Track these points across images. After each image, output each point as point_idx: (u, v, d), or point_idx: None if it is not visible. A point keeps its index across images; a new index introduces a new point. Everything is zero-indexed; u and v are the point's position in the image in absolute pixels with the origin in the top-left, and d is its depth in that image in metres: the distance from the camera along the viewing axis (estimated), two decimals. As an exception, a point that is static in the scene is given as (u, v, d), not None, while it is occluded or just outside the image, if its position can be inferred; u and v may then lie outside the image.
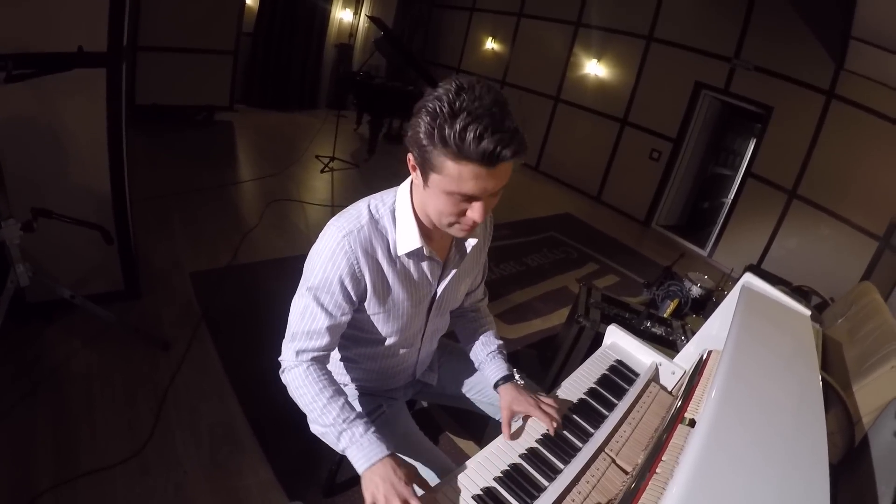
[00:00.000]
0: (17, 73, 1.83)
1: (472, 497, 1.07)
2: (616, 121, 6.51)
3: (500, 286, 3.95)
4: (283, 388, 1.23)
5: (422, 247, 1.19)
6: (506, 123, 0.94)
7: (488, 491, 1.09)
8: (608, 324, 1.81)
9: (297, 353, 1.21)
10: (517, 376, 1.43)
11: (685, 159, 6.02)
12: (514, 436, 1.27)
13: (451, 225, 1.10)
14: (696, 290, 3.75)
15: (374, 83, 6.17)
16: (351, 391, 1.50)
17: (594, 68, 6.64)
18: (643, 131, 6.26)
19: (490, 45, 7.99)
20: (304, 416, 1.23)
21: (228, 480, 1.93)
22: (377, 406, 1.47)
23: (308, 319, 1.19)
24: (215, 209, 4.17)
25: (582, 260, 4.86)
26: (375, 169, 5.90)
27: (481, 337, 1.52)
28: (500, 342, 1.52)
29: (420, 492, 1.07)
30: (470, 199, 1.03)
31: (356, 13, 7.80)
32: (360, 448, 1.10)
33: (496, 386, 1.41)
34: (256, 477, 1.97)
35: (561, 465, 1.19)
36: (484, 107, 0.93)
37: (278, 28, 7.02)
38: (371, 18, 6.32)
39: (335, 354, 1.45)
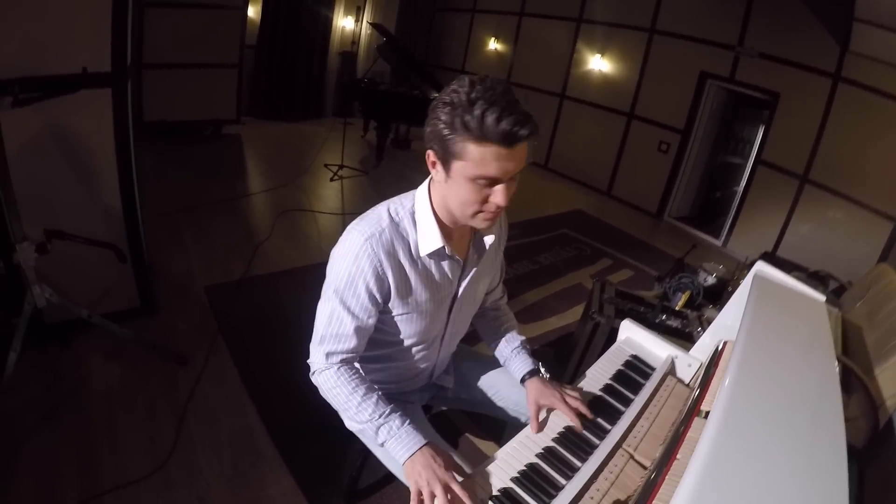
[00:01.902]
0: (23, 98, 1.86)
1: (490, 498, 1.07)
2: (622, 115, 6.46)
3: (514, 286, 3.93)
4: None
5: (443, 246, 1.21)
6: (519, 107, 1.03)
7: (505, 492, 1.09)
8: (623, 319, 1.80)
9: (328, 355, 1.24)
10: (542, 370, 1.46)
11: (694, 150, 5.96)
12: (542, 427, 1.31)
13: (475, 214, 1.14)
14: (710, 280, 3.72)
15: (378, 89, 6.18)
16: None
17: (598, 63, 6.60)
18: (650, 124, 6.21)
19: (493, 45, 7.98)
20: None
21: (251, 491, 1.95)
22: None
23: (336, 323, 1.22)
24: (227, 222, 4.21)
25: (595, 256, 4.83)
26: (384, 175, 5.92)
27: (505, 335, 1.57)
28: (524, 338, 1.57)
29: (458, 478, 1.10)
30: (493, 182, 1.08)
31: (357, 20, 7.83)
32: (398, 440, 1.15)
33: (522, 381, 1.45)
34: (278, 486, 1.98)
35: (578, 463, 1.19)
36: (497, 94, 1.02)
37: (281, 39, 7.06)
38: (373, 25, 6.35)
39: None
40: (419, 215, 1.22)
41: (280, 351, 2.65)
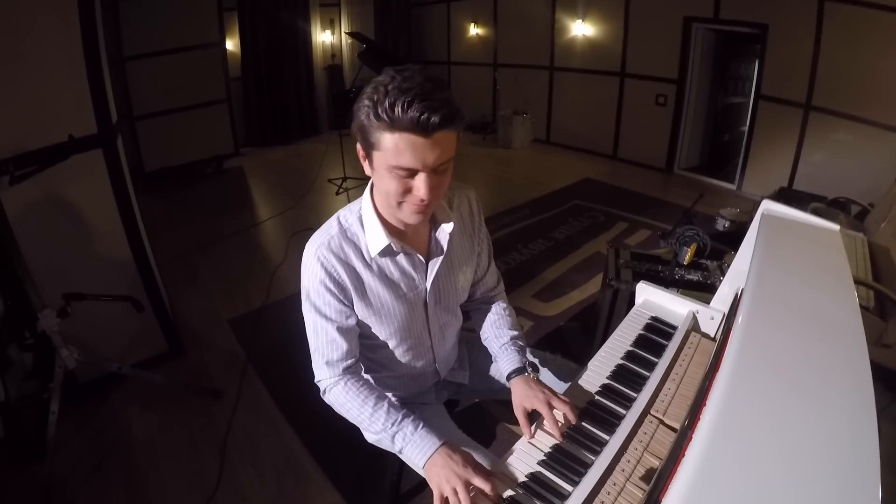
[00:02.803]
0: (19, 174, 1.94)
1: (519, 484, 1.07)
2: (614, 75, 6.37)
3: (532, 265, 3.92)
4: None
5: (390, 244, 1.20)
6: (436, 95, 0.98)
7: (534, 476, 1.08)
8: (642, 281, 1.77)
9: (328, 364, 1.27)
10: (529, 370, 1.38)
11: (692, 97, 5.84)
12: (534, 433, 1.22)
13: (399, 205, 1.11)
14: (727, 226, 3.66)
15: (367, 96, 6.18)
16: None
17: (581, 29, 6.52)
18: (643, 79, 6.10)
19: (474, 31, 7.92)
20: (357, 431, 1.28)
21: (299, 510, 2.00)
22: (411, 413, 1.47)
23: (321, 333, 1.25)
24: (241, 254, 4.27)
25: (610, 222, 4.79)
26: None
27: (495, 329, 1.49)
28: (515, 333, 1.47)
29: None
30: (412, 173, 1.05)
31: (333, 33, 7.84)
32: (414, 445, 1.16)
33: (508, 379, 1.37)
34: (325, 501, 2.02)
35: (606, 437, 1.16)
36: (414, 83, 0.99)
37: (265, 66, 7.10)
38: (350, 34, 6.35)
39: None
40: (365, 217, 1.23)
41: (309, 370, 2.66)
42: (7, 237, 1.98)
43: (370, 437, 1.25)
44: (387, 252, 1.23)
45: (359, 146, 1.11)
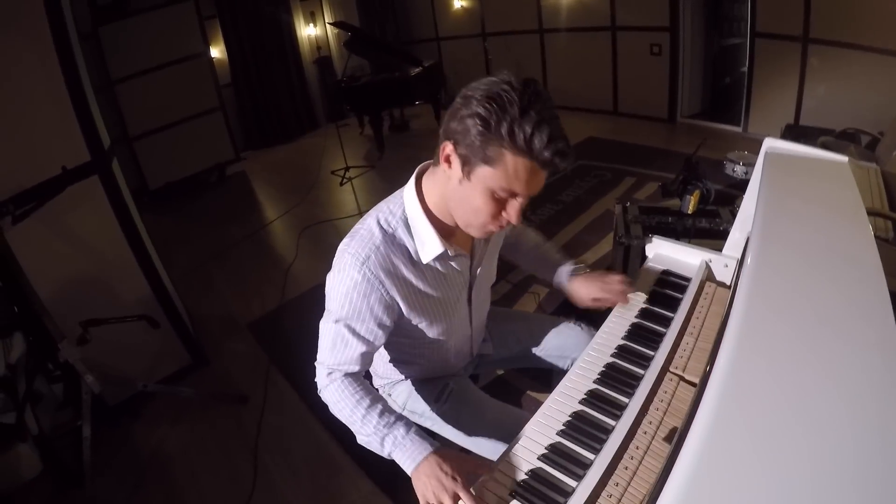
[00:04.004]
0: (20, 213, 1.97)
1: (539, 458, 1.05)
2: (605, 30, 6.20)
3: (542, 232, 3.82)
4: None
5: (446, 250, 1.16)
6: (564, 131, 0.94)
7: (553, 447, 1.07)
8: (653, 235, 1.75)
9: (329, 375, 1.22)
10: (581, 268, 1.54)
11: (687, 43, 5.66)
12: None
13: (482, 226, 1.07)
14: (739, 170, 3.59)
15: (359, 84, 6.13)
16: (412, 384, 1.50)
17: (566, -14, 6.36)
18: (635, 30, 5.93)
19: (458, 3, 7.77)
20: None
21: (335, 502, 2.03)
22: (444, 386, 1.45)
23: (340, 347, 1.18)
24: (253, 257, 4.28)
25: (617, 178, 4.71)
26: (391, 163, 5.90)
27: (536, 253, 1.63)
28: (542, 241, 1.65)
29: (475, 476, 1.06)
30: (512, 196, 1.01)
31: (316, 25, 7.75)
32: (403, 450, 1.10)
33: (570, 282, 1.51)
34: (359, 491, 2.06)
35: (625, 400, 1.15)
36: (551, 110, 0.93)
37: (254, 69, 7.05)
38: (333, 24, 6.28)
39: (385, 356, 1.45)
40: (413, 221, 1.15)
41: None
42: (18, 275, 2.01)
43: (361, 440, 1.19)
44: (440, 258, 1.18)
45: (449, 145, 1.01)
